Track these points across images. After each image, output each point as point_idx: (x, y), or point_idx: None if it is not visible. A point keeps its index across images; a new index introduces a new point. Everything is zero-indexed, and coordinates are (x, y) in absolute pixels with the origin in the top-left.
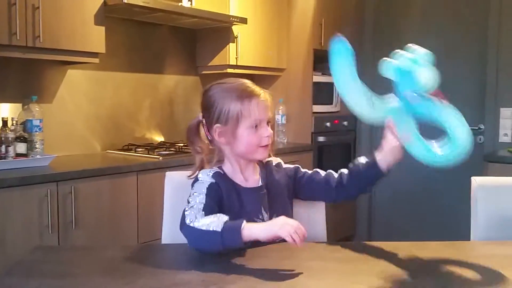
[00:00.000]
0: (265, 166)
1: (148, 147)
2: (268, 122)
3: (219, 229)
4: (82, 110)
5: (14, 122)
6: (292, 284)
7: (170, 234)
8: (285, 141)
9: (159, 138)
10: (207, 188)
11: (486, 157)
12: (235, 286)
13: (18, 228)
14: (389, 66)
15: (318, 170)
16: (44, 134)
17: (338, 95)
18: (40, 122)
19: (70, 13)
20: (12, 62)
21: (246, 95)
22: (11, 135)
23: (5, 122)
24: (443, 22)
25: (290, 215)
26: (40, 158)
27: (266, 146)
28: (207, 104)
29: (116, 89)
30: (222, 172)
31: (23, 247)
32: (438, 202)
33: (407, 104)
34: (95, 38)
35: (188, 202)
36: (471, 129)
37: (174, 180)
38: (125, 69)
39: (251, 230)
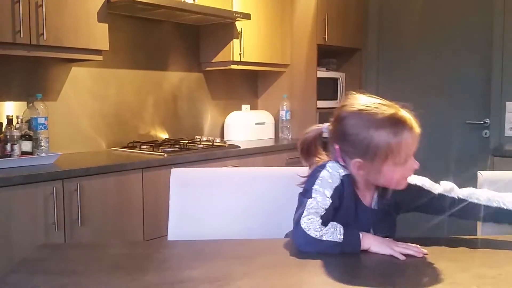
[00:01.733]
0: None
1: (153, 144)
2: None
3: (339, 240)
4: (86, 108)
5: (19, 120)
6: (297, 280)
7: (176, 230)
8: (290, 137)
9: (163, 135)
10: (334, 189)
11: (492, 151)
12: (240, 282)
13: (24, 226)
14: None
15: (439, 188)
16: (49, 132)
17: (342, 90)
18: (45, 120)
19: (73, 10)
20: (16, 60)
21: (398, 130)
22: (16, 133)
23: (10, 120)
24: (447, 17)
25: (394, 233)
26: (46, 156)
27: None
28: (346, 134)
29: (120, 86)
30: (351, 176)
31: (29, 245)
32: None
33: None
34: (99, 36)
35: (306, 192)
36: (477, 123)
37: (180, 177)
38: (128, 66)
39: (369, 243)
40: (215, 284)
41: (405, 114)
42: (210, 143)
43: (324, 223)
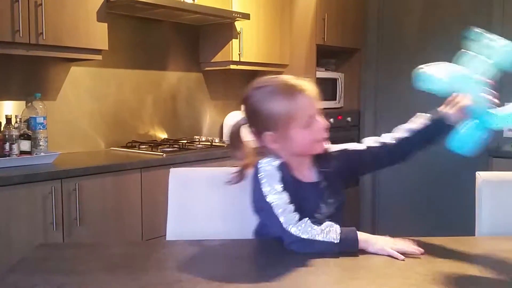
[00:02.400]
0: (317, 158)
1: (152, 144)
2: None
3: (335, 241)
4: (85, 107)
5: (18, 119)
6: (294, 280)
7: (175, 230)
8: None
9: (162, 135)
10: (279, 181)
11: (491, 152)
12: (238, 282)
13: (23, 225)
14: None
15: (356, 144)
16: (48, 131)
17: (341, 91)
18: (44, 119)
19: (72, 10)
20: (15, 59)
21: (290, 93)
22: (15, 133)
23: (9, 120)
24: (446, 17)
25: (344, 201)
26: (44, 155)
27: (324, 138)
28: (252, 112)
29: (119, 86)
30: (286, 163)
31: (27, 244)
32: (442, 198)
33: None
34: (98, 35)
35: (260, 204)
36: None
37: (179, 177)
38: (128, 66)
39: (366, 243)
40: (214, 284)
41: (298, 80)
42: (209, 143)
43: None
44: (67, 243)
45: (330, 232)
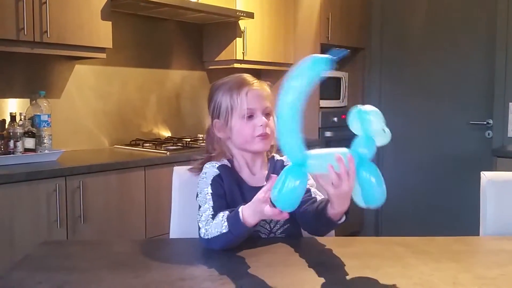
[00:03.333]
0: (275, 163)
1: (156, 142)
2: (267, 114)
3: (226, 229)
4: (89, 105)
5: (23, 117)
6: (298, 280)
7: (178, 228)
8: None
9: (166, 133)
10: (210, 185)
11: (495, 152)
12: (242, 281)
13: (27, 222)
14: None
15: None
16: (52, 129)
17: (345, 90)
18: (48, 117)
19: (77, 8)
20: (20, 57)
21: (236, 86)
22: (19, 130)
23: (13, 117)
24: (451, 17)
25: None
26: (49, 153)
27: (264, 136)
28: (209, 101)
29: (123, 84)
30: (229, 165)
31: (31, 242)
32: (446, 198)
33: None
34: (102, 33)
35: (198, 201)
36: (480, 124)
37: (182, 175)
38: (132, 64)
39: (248, 217)
40: (217, 282)
41: (253, 79)
42: None
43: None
44: (70, 241)
45: (219, 224)
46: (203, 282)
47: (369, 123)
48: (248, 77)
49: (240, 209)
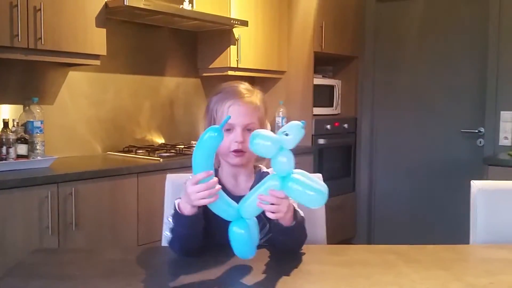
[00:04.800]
0: (261, 174)
1: (149, 149)
2: (247, 129)
3: (172, 226)
4: (83, 112)
5: (15, 123)
6: (290, 286)
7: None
8: None
9: (159, 140)
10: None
11: (486, 160)
12: (234, 287)
13: (19, 229)
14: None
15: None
16: (45, 135)
17: (338, 98)
18: (41, 123)
19: (71, 15)
20: (13, 63)
21: (224, 97)
22: (12, 137)
23: (6, 124)
24: (443, 25)
25: (265, 223)
26: (41, 159)
27: (237, 153)
28: (205, 110)
29: (117, 91)
30: (217, 173)
31: (23, 248)
32: (438, 206)
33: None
34: (96, 40)
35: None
36: (471, 132)
37: (175, 182)
38: (126, 71)
39: (184, 207)
40: None
41: (242, 88)
42: None
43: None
44: (63, 248)
45: (168, 224)
46: None
47: (264, 147)
48: (242, 89)
49: (176, 202)
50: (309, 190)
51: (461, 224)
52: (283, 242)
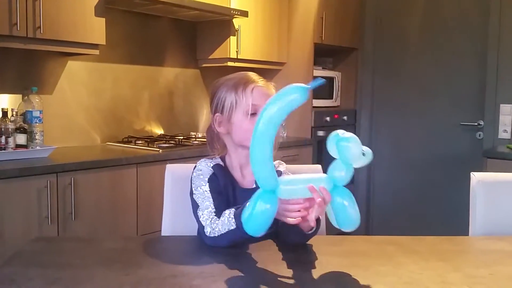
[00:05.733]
0: None
1: (148, 140)
2: None
3: (234, 226)
4: (82, 102)
5: (14, 113)
6: (290, 276)
7: (170, 226)
8: (285, 135)
9: (159, 130)
10: (208, 182)
11: (486, 153)
12: (232, 278)
13: (18, 219)
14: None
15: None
16: (44, 125)
17: (338, 89)
18: (40, 113)
19: (70, 4)
20: (12, 53)
21: (242, 83)
22: (11, 126)
23: (5, 113)
24: (444, 18)
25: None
26: (40, 149)
27: None
28: (211, 96)
29: (116, 81)
30: (223, 164)
31: (22, 238)
32: (437, 198)
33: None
34: (96, 30)
35: (193, 197)
36: (471, 125)
37: (175, 173)
38: (125, 61)
39: None
40: (209, 279)
41: (253, 75)
42: (205, 140)
43: (220, 212)
44: (63, 237)
45: (227, 221)
46: (194, 279)
47: (347, 149)
48: (253, 75)
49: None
50: (353, 210)
51: (460, 216)
52: (293, 240)
